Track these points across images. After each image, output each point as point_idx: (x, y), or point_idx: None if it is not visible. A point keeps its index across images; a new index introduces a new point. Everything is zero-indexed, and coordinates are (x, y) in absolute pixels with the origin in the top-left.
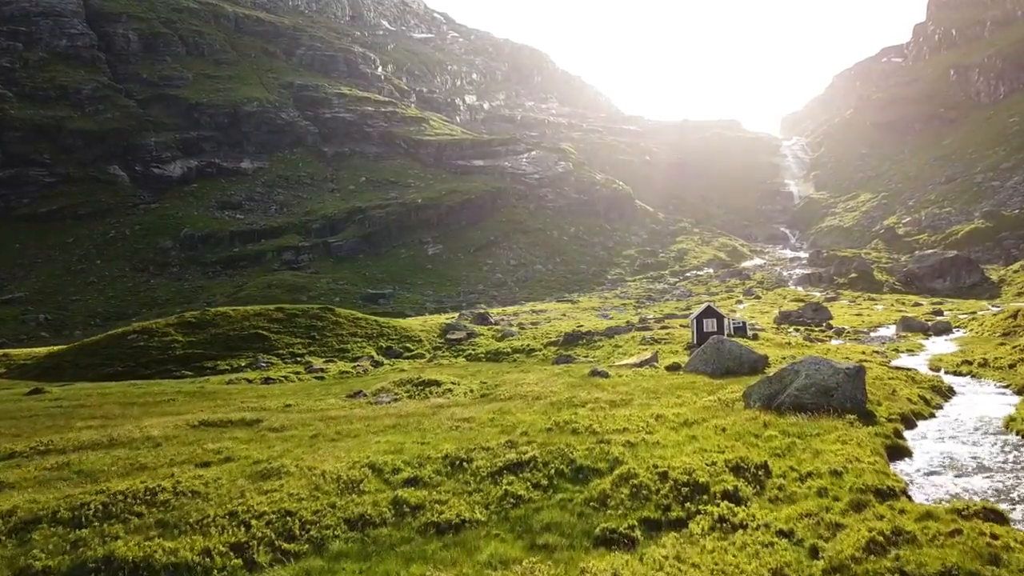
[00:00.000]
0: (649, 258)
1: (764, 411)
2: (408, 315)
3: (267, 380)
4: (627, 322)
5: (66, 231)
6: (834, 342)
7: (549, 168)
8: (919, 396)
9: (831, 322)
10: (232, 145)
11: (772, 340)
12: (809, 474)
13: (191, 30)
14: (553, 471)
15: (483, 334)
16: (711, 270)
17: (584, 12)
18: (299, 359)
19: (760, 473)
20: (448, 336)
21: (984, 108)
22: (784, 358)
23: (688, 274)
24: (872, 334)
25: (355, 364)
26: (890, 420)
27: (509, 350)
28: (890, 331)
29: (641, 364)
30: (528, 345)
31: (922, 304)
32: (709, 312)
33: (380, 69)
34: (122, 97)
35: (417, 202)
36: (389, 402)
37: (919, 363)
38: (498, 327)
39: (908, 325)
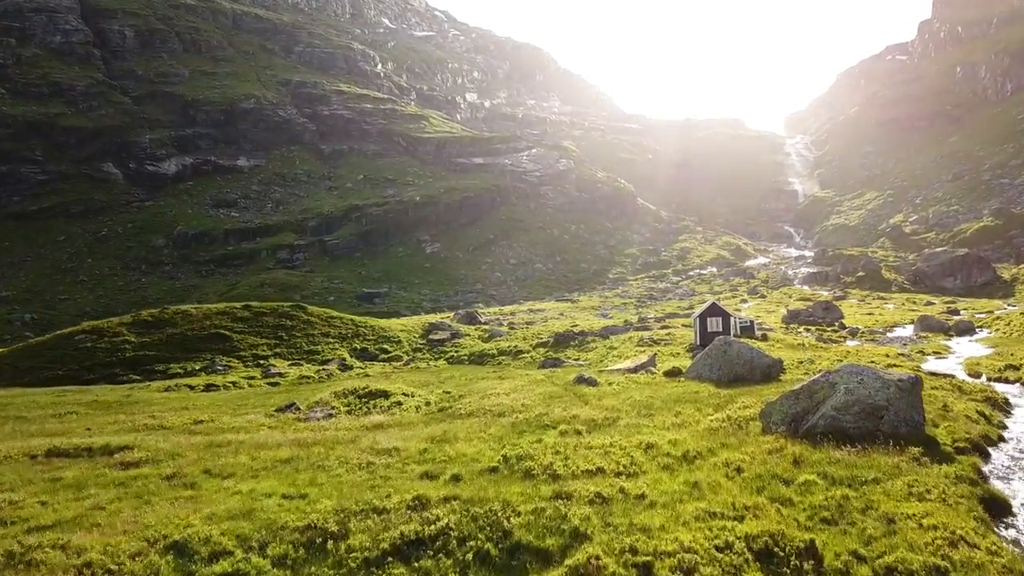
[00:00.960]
0: (651, 257)
1: (790, 438)
2: (403, 314)
3: (210, 387)
4: (625, 321)
5: (57, 229)
6: (850, 343)
7: (550, 166)
8: (977, 412)
9: (843, 321)
10: (228, 143)
11: (782, 341)
12: (891, 572)
13: (188, 27)
14: (471, 556)
15: (469, 334)
16: (714, 269)
17: (587, 11)
18: (261, 362)
19: (806, 567)
20: (430, 337)
21: (991, 105)
22: (801, 362)
23: (691, 273)
24: (889, 334)
25: (322, 367)
26: (959, 450)
27: (494, 352)
28: (908, 331)
29: (636, 369)
30: (515, 346)
31: (934, 303)
32: (714, 310)
33: (380, 67)
34: (117, 94)
35: (415, 200)
36: (321, 419)
37: (953, 367)
38: (487, 327)
39: (927, 324)
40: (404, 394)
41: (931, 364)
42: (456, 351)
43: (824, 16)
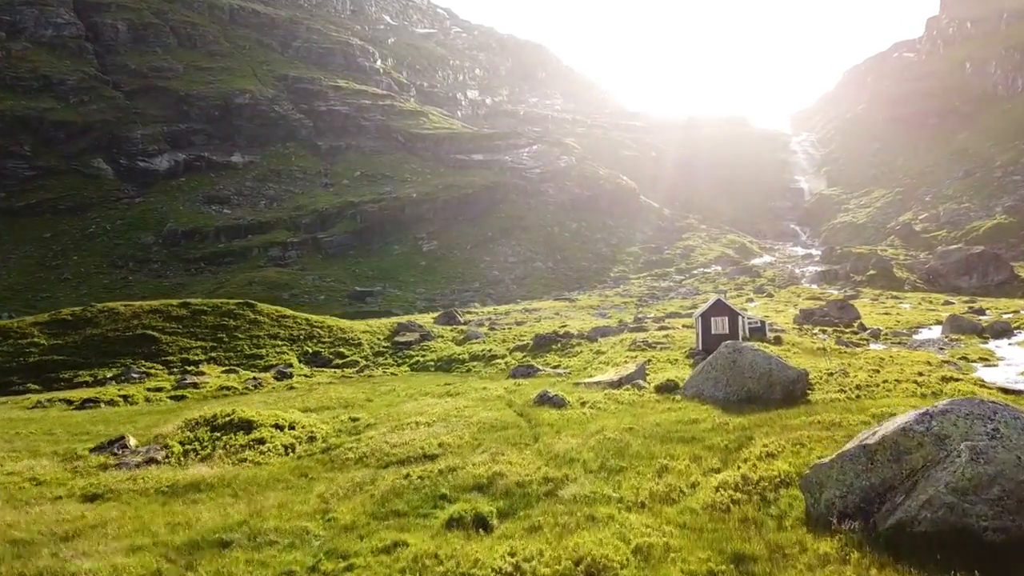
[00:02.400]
0: (654, 255)
1: (865, 546)
2: (395, 314)
3: (88, 403)
4: (619, 322)
5: (44, 226)
6: (874, 347)
7: (551, 163)
8: None
9: (862, 322)
10: (223, 138)
11: (798, 344)
12: None
13: (183, 21)
14: None
15: (443, 336)
16: (719, 267)
17: (590, 9)
18: (189, 368)
19: None
20: (396, 339)
21: (1002, 101)
22: (830, 374)
23: (695, 272)
24: (916, 336)
25: (254, 376)
26: None
27: (465, 357)
28: (935, 333)
29: (620, 382)
30: (489, 351)
31: (953, 303)
32: (718, 308)
33: (379, 63)
34: (109, 88)
35: (412, 197)
36: (139, 464)
37: (1015, 379)
38: (465, 327)
39: (958, 326)
40: (280, 425)
41: (985, 374)
42: (423, 356)
43: (830, 13)
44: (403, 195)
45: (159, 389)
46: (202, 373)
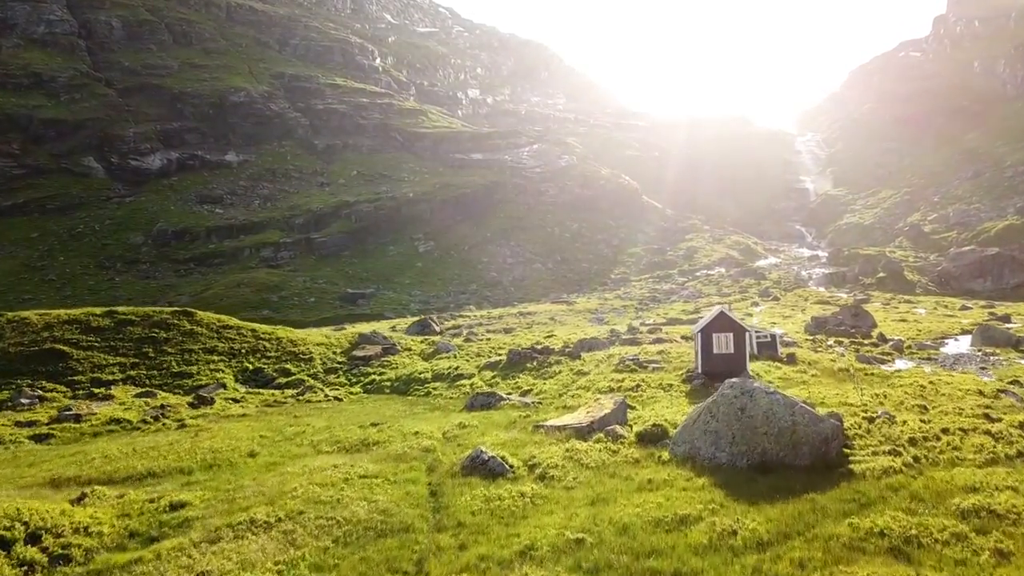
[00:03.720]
0: (656, 256)
1: None
2: (387, 317)
3: None
4: (611, 332)
5: (31, 225)
6: (900, 363)
7: (551, 162)
8: None
9: (882, 332)
10: (217, 137)
11: (815, 364)
12: None
13: (179, 18)
14: None
15: (411, 348)
16: (723, 269)
17: (593, 8)
18: (97, 391)
19: None
20: (354, 353)
21: (1011, 101)
22: (869, 418)
23: (698, 273)
24: (944, 349)
25: (168, 404)
26: None
27: (428, 376)
28: (963, 345)
29: (592, 428)
30: (457, 368)
31: (970, 307)
32: (721, 322)
33: (379, 61)
34: (101, 86)
35: (409, 196)
36: None
37: None
38: (438, 338)
39: (989, 337)
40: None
41: None
42: (381, 374)
43: (835, 13)
44: (400, 195)
45: (32, 423)
46: (109, 397)
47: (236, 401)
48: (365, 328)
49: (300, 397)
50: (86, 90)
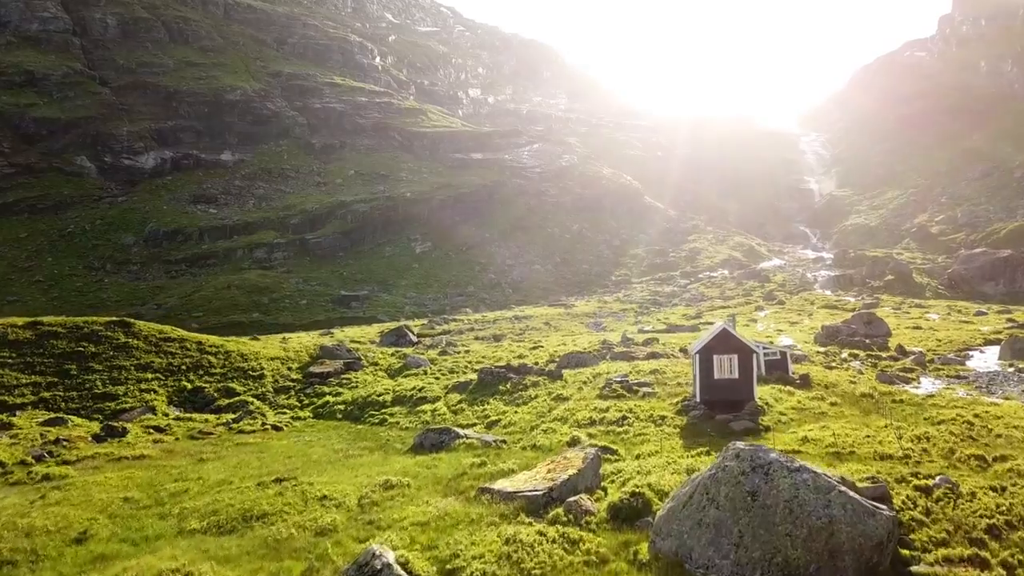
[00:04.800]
0: (658, 258)
1: None
2: (381, 320)
3: None
4: (602, 343)
5: (20, 225)
6: (927, 383)
7: (552, 162)
8: None
9: (900, 344)
10: (213, 136)
11: (833, 387)
12: None
13: (175, 16)
14: None
15: (377, 362)
16: (726, 271)
17: (595, 8)
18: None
19: None
20: (311, 369)
21: (1019, 100)
22: (908, 465)
23: (701, 275)
24: (971, 364)
25: (70, 436)
26: None
27: (388, 399)
28: (991, 358)
29: (551, 498)
30: (422, 390)
31: (985, 312)
32: (725, 341)
33: (378, 60)
34: (95, 84)
35: (406, 196)
36: None
37: None
38: (412, 349)
39: (1021, 350)
40: None
41: None
42: (336, 394)
43: (838, 12)
44: (397, 195)
45: None
46: (7, 426)
47: (158, 430)
48: (356, 332)
49: (234, 425)
50: (79, 88)
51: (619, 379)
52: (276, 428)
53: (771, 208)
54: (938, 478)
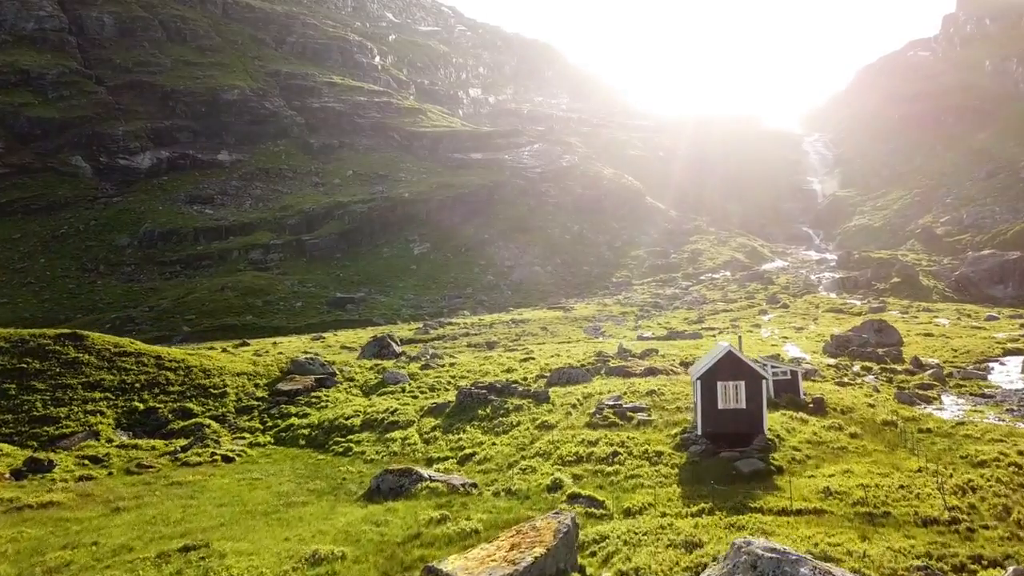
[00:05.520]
0: (659, 259)
1: None
2: (376, 323)
3: None
4: (597, 355)
5: (14, 226)
6: (950, 403)
7: (552, 162)
8: None
9: (916, 356)
10: (210, 136)
11: (850, 411)
12: None
13: (173, 15)
14: None
15: (353, 378)
16: (728, 273)
17: (597, 7)
18: None
19: None
20: (279, 386)
21: None
22: (962, 539)
23: (702, 277)
24: (994, 378)
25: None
26: None
27: (357, 423)
28: (1011, 370)
29: None
30: (395, 412)
31: (996, 317)
32: (730, 366)
33: (378, 59)
34: (91, 83)
35: (404, 197)
36: None
37: None
38: (392, 363)
39: None
40: None
41: None
42: (303, 415)
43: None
44: (396, 195)
45: None
46: None
47: (94, 462)
48: (348, 337)
49: (180, 455)
50: (75, 88)
51: (612, 402)
52: (226, 459)
53: (774, 209)
54: (1010, 571)
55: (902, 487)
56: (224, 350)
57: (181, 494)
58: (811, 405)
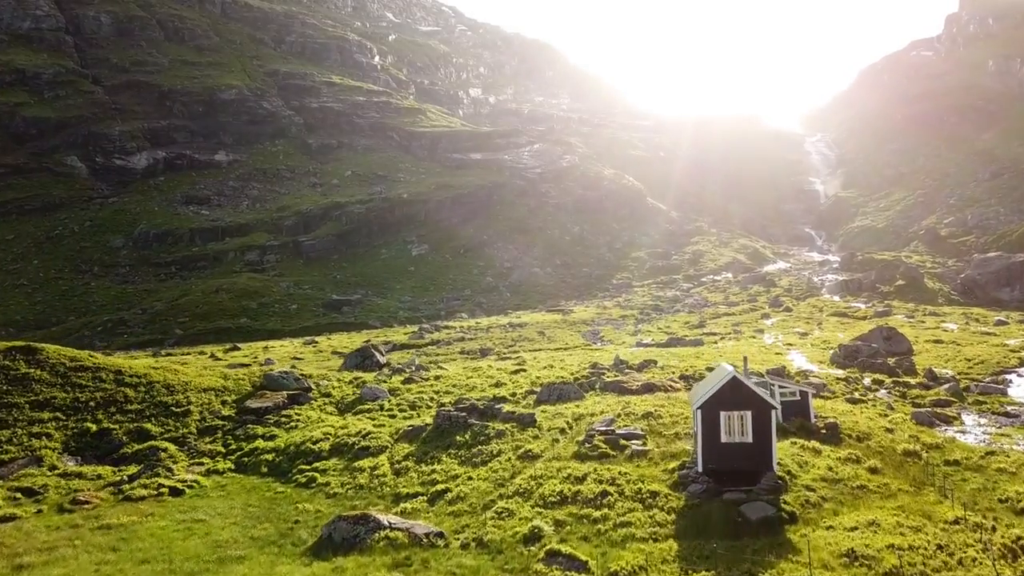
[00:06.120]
0: (660, 260)
1: None
2: (372, 326)
3: None
4: (592, 367)
5: (8, 227)
6: (972, 424)
7: (552, 162)
8: None
9: (931, 368)
10: (207, 136)
11: (867, 438)
12: None
13: (171, 14)
14: None
15: (329, 393)
16: (730, 275)
17: (599, 7)
18: None
19: None
20: (246, 404)
21: None
22: None
23: (704, 279)
24: (1012, 392)
25: None
26: None
27: (326, 447)
28: None
29: None
30: (369, 435)
31: (1006, 322)
32: (734, 394)
33: (377, 59)
34: (87, 83)
35: (403, 197)
36: None
37: None
38: (373, 376)
39: None
40: None
41: None
42: (270, 437)
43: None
44: (394, 196)
45: None
46: None
47: (28, 494)
48: (342, 341)
49: (127, 485)
50: (71, 87)
51: (603, 428)
52: (175, 492)
53: (776, 209)
54: None
55: (940, 548)
56: (212, 356)
57: (104, 544)
58: (824, 431)
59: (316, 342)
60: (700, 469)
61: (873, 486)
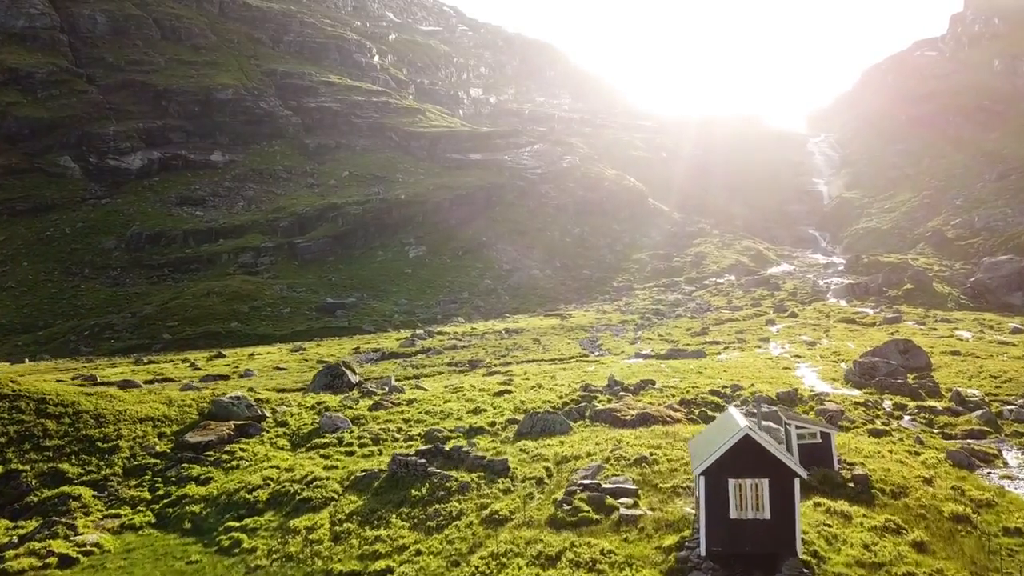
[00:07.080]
0: (662, 263)
1: None
2: (367, 331)
3: None
4: (584, 389)
5: None
6: (1016, 463)
7: (553, 163)
8: None
9: (956, 389)
10: (203, 136)
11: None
12: None
13: (168, 13)
14: None
15: (286, 421)
16: (732, 277)
17: (600, 7)
18: None
19: None
20: (188, 437)
21: None
22: None
23: (706, 281)
24: None
25: None
26: None
27: (262, 499)
28: None
29: None
30: (312, 483)
31: (1021, 329)
32: (746, 455)
33: (377, 59)
34: (82, 82)
35: (400, 198)
36: None
37: None
38: (341, 398)
39: None
40: None
41: None
42: (205, 480)
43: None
44: (391, 196)
45: None
46: None
47: None
48: (332, 348)
49: (10, 551)
50: (65, 87)
51: (588, 478)
52: (66, 561)
53: (779, 211)
54: None
55: None
56: (192, 365)
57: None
58: (852, 484)
59: (304, 349)
60: (703, 552)
61: (923, 573)
